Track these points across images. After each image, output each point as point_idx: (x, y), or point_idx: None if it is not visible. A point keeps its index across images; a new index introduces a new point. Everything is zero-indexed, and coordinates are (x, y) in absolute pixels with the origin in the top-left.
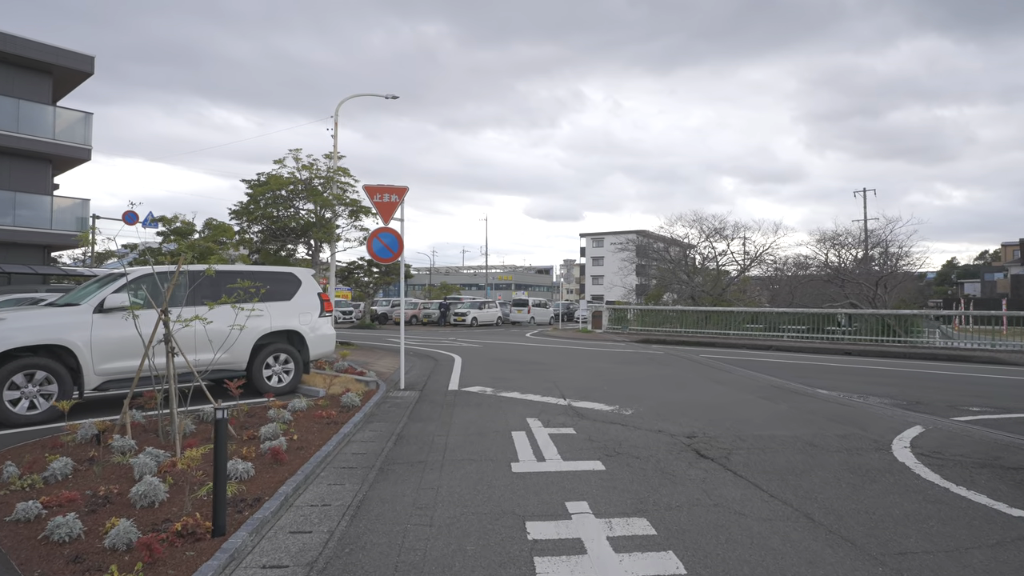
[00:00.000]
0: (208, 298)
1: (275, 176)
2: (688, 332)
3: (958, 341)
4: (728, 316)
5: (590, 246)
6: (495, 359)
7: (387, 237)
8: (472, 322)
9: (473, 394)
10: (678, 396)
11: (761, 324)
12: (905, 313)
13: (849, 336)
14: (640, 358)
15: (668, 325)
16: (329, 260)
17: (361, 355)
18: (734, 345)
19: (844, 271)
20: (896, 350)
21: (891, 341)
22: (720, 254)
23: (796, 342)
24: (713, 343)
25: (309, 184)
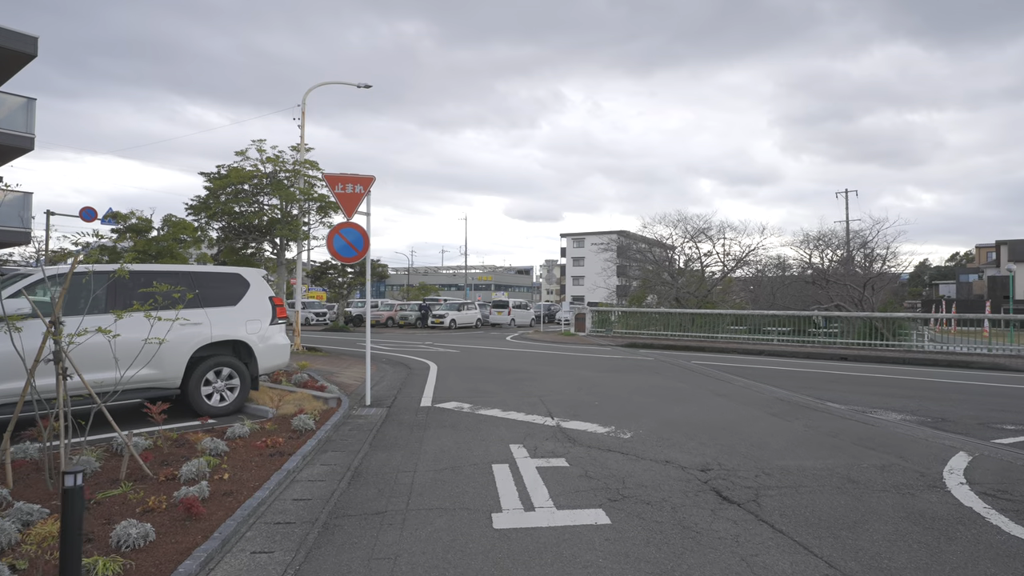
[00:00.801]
0: (132, 303)
1: (236, 169)
2: (674, 336)
3: (951, 345)
4: (715, 319)
5: (571, 246)
6: (474, 367)
7: (350, 233)
8: (451, 324)
9: (448, 412)
10: (679, 412)
11: (745, 326)
12: (895, 316)
13: (834, 339)
14: (629, 365)
15: (653, 328)
16: (296, 259)
17: (327, 363)
18: (723, 350)
19: (831, 273)
20: (892, 355)
21: (882, 345)
22: (705, 255)
23: (787, 346)
24: (701, 347)
25: (275, 178)
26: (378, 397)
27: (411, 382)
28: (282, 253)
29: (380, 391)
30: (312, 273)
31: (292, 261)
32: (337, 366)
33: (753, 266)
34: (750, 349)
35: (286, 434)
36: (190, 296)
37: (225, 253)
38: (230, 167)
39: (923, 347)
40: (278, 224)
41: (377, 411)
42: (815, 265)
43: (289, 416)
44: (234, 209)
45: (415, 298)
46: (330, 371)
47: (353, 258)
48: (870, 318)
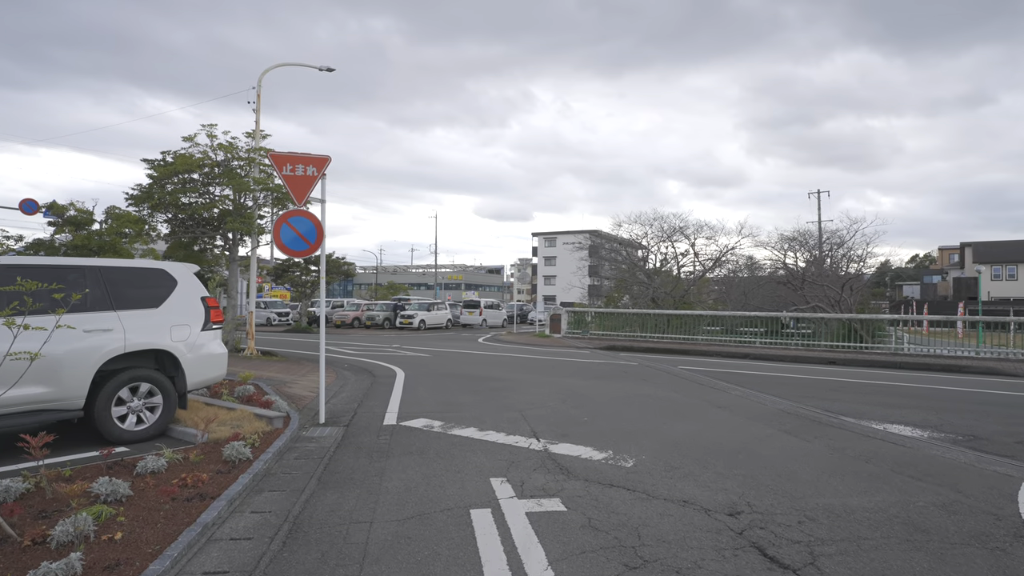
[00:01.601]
0: None
1: (184, 156)
2: (653, 338)
3: (936, 347)
4: (693, 320)
5: (542, 246)
6: (445, 374)
7: (301, 223)
8: (420, 325)
9: (416, 432)
10: (682, 431)
11: (719, 327)
12: (874, 318)
13: (807, 341)
14: (613, 371)
15: (629, 329)
16: (251, 255)
17: (282, 370)
18: (705, 352)
19: (809, 273)
20: (881, 359)
21: (864, 348)
22: (682, 254)
23: (770, 349)
24: (683, 350)
25: (227, 166)
26: (335, 413)
27: (375, 393)
28: (235, 249)
29: (338, 405)
30: (274, 271)
31: (247, 258)
32: (292, 374)
33: (728, 266)
34: (732, 352)
35: (214, 467)
36: (77, 297)
37: (172, 249)
38: (177, 154)
39: (904, 349)
40: (229, 217)
41: (332, 431)
42: (788, 266)
43: (223, 441)
44: (181, 200)
45: (383, 297)
46: (283, 380)
47: (304, 252)
48: (849, 319)
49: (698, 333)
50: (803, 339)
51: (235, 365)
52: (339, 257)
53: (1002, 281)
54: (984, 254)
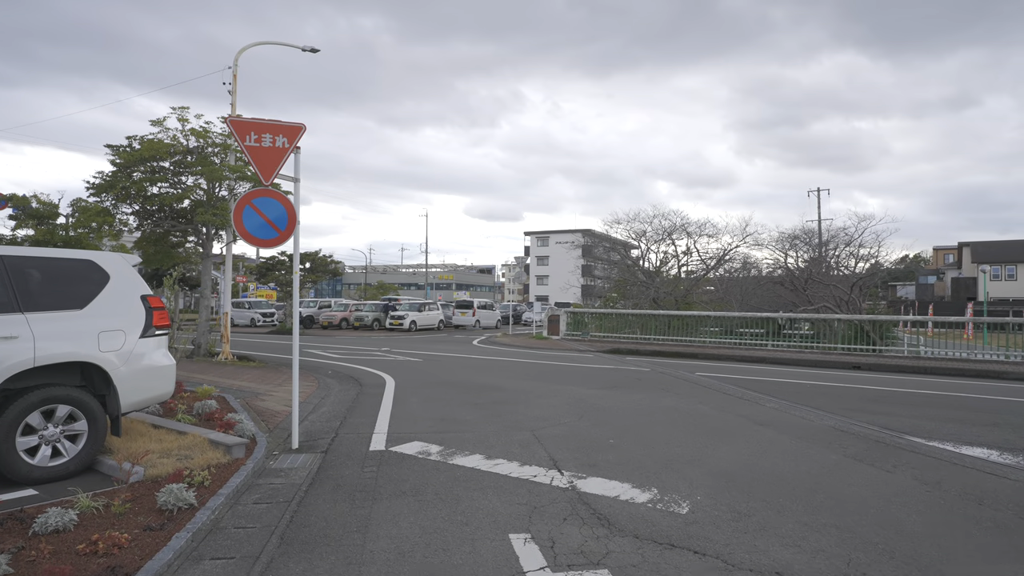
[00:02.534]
0: None
1: (151, 142)
2: (657, 340)
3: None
4: (698, 321)
5: (535, 245)
6: (440, 382)
7: (269, 206)
8: (411, 327)
9: (409, 460)
10: (730, 456)
11: (719, 327)
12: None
13: (809, 343)
14: (626, 378)
15: (631, 331)
16: (226, 251)
17: (257, 378)
18: (716, 356)
19: (818, 273)
20: (906, 363)
21: (880, 351)
22: (684, 252)
23: (784, 352)
24: (692, 353)
25: (201, 153)
26: (312, 434)
27: (361, 406)
28: (208, 244)
29: (317, 423)
30: (257, 270)
31: (219, 254)
32: (268, 382)
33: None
34: (745, 356)
35: (144, 519)
36: None
37: (141, 243)
38: (144, 139)
39: (920, 352)
40: (201, 208)
41: (306, 460)
42: (788, 266)
43: (162, 480)
44: (149, 190)
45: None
46: (255, 391)
47: (273, 241)
48: (859, 321)
49: (704, 335)
50: (804, 341)
51: (205, 372)
52: (326, 255)
53: (1001, 281)
54: (983, 254)
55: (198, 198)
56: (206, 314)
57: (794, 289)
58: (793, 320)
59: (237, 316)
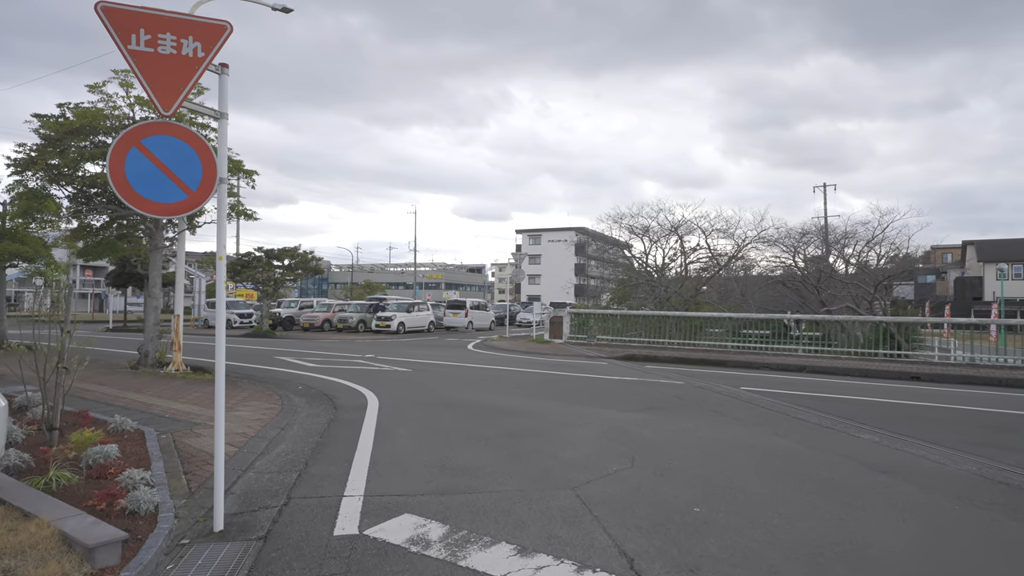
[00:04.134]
0: None
1: (88, 111)
2: (673, 344)
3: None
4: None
5: (527, 243)
6: (436, 402)
7: (168, 147)
8: (399, 328)
9: (395, 557)
10: (902, 546)
11: (721, 329)
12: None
13: (822, 347)
14: (663, 396)
15: (643, 334)
16: (178, 242)
17: (207, 397)
18: (747, 364)
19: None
20: (967, 373)
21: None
22: (692, 249)
23: (821, 359)
24: (720, 360)
25: None
26: (252, 498)
27: (331, 443)
28: (157, 233)
29: (264, 475)
30: (233, 267)
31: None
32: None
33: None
34: (782, 364)
35: None
36: None
37: (79, 234)
38: (79, 107)
39: (952, 358)
40: None
41: (228, 560)
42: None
43: None
44: (85, 170)
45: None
46: (195, 419)
47: (178, 206)
48: (884, 323)
49: (724, 339)
50: (812, 344)
51: (143, 390)
52: (307, 251)
53: (1008, 280)
54: (989, 253)
55: None
56: (154, 317)
57: (796, 289)
58: (815, 322)
59: (213, 317)
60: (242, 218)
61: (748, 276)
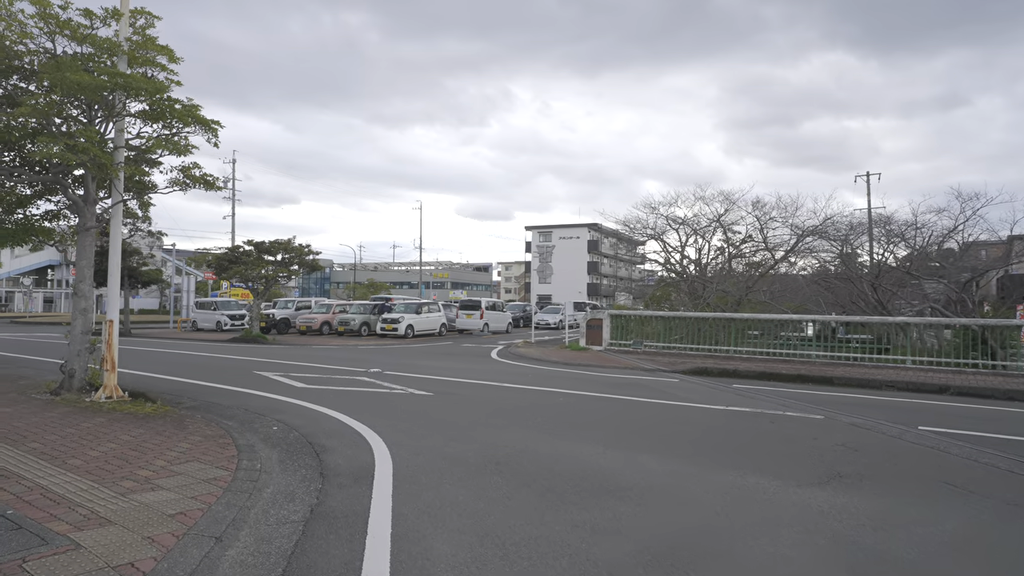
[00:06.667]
0: None
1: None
2: (740, 353)
3: None
4: (786, 326)
5: (536, 241)
6: (483, 462)
7: None
8: (407, 332)
9: None
10: None
11: (758, 331)
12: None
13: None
14: (829, 449)
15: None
16: (112, 217)
17: (124, 453)
18: (855, 382)
19: (917, 268)
20: None
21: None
22: (743, 240)
23: (933, 374)
24: (819, 376)
25: (53, 56)
26: None
27: (312, 566)
28: (86, 207)
29: None
30: (217, 263)
31: (98, 225)
32: (134, 466)
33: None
34: (902, 381)
35: None
36: None
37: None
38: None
39: None
40: (42, 138)
41: None
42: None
43: None
44: None
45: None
46: (60, 518)
47: None
48: (968, 326)
49: (808, 346)
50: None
51: (34, 434)
52: (302, 244)
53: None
54: None
55: (69, 128)
56: (83, 323)
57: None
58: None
59: (202, 319)
60: (200, 187)
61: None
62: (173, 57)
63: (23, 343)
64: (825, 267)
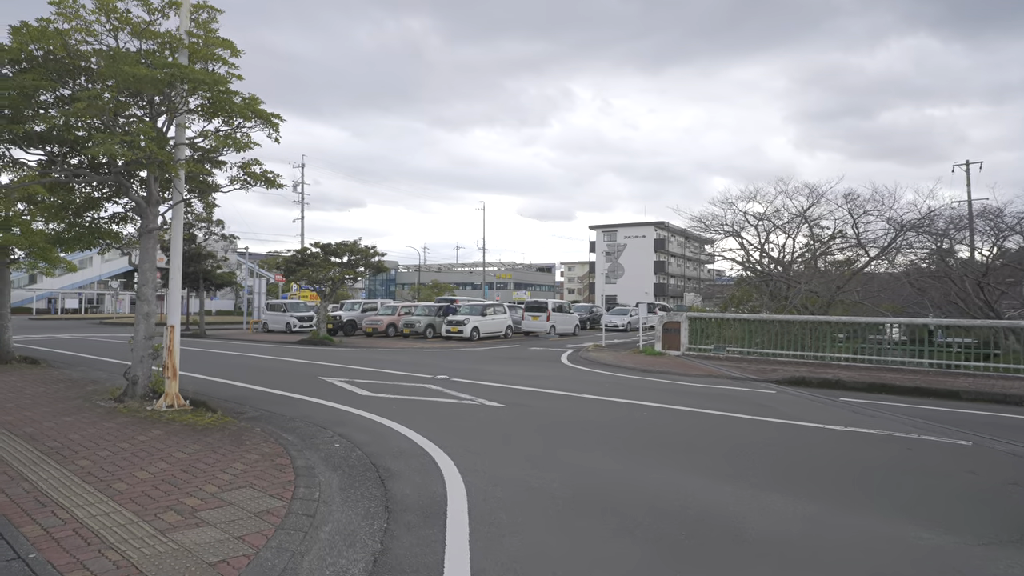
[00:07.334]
0: None
1: (38, 31)
2: (837, 360)
3: None
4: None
5: (601, 240)
6: (576, 496)
7: None
8: (473, 334)
9: None
10: None
11: (843, 335)
12: None
13: None
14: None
15: (790, 346)
16: (174, 215)
17: (161, 480)
18: (986, 396)
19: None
20: None
21: None
22: (832, 236)
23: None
24: (944, 389)
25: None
26: None
27: None
28: (150, 210)
29: None
30: (286, 265)
31: (159, 226)
32: (186, 492)
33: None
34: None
35: None
36: None
37: (47, 210)
38: (25, 25)
39: None
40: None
41: None
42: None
43: None
44: (28, 118)
45: (427, 298)
46: (86, 562)
47: None
48: None
49: (914, 353)
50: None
51: (86, 450)
52: (368, 245)
53: None
54: None
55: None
56: (145, 328)
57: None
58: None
59: (272, 320)
60: (261, 184)
61: (877, 273)
62: (235, 51)
63: (104, 344)
64: (916, 265)
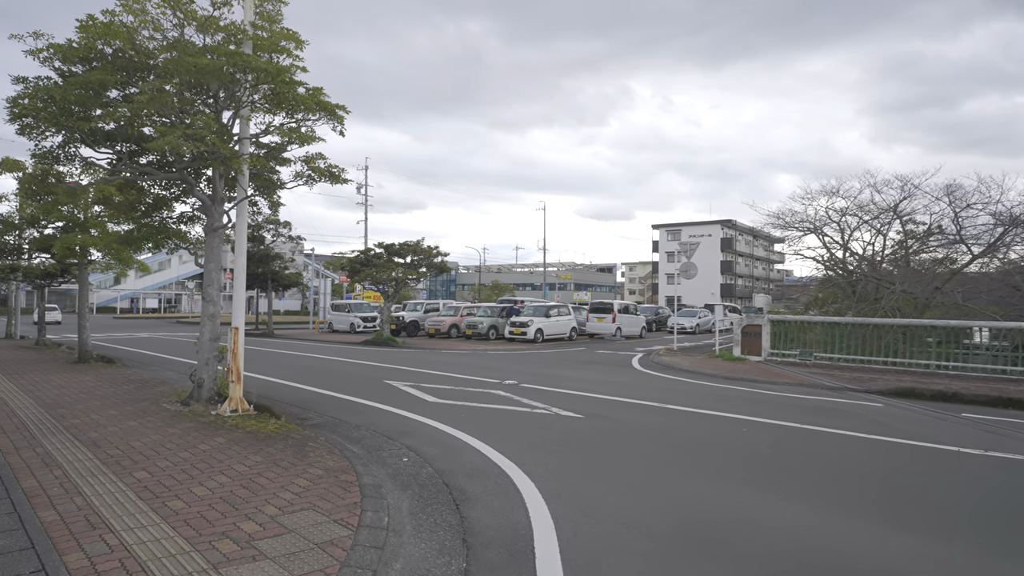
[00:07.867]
0: None
1: (106, 26)
2: (945, 368)
3: None
4: None
5: (664, 240)
6: (674, 532)
7: None
8: (536, 336)
9: None
10: None
11: (936, 339)
12: None
13: None
14: None
15: (870, 351)
16: (239, 213)
17: (217, 497)
18: None
19: None
20: None
21: None
22: (928, 232)
23: None
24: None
25: (173, 45)
26: None
27: None
28: (215, 209)
29: None
30: (350, 266)
31: (225, 225)
32: (224, 525)
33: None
34: None
35: None
36: None
37: (118, 210)
38: (92, 20)
39: None
40: (163, 130)
41: None
42: None
43: None
44: (93, 117)
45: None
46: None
47: None
48: None
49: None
50: None
51: (147, 459)
52: (430, 246)
53: None
54: None
55: (164, 116)
56: (211, 329)
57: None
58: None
59: (337, 321)
60: (325, 180)
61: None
62: (300, 42)
63: (177, 343)
64: (1016, 264)
